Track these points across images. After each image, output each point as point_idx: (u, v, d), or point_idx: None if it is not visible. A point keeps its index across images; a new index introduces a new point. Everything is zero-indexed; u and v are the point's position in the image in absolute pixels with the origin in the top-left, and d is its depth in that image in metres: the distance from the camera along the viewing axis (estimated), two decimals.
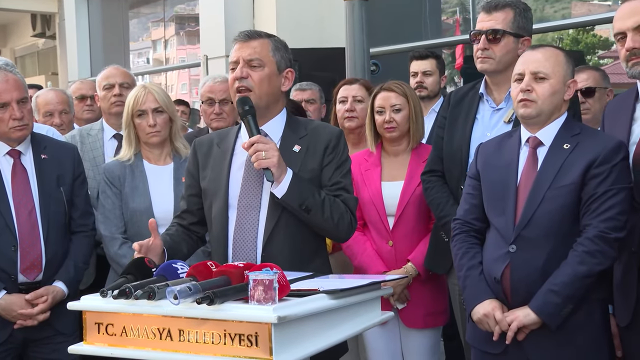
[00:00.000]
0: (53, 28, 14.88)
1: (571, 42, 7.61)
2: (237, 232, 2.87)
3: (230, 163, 2.94)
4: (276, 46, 2.93)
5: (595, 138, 2.90)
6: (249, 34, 2.93)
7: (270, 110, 2.94)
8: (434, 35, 8.37)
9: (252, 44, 2.90)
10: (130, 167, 3.69)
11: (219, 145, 3.01)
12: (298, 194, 2.77)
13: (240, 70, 2.87)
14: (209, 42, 8.86)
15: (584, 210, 2.80)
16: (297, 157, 2.89)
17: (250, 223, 2.86)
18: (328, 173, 2.90)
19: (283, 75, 2.95)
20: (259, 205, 2.86)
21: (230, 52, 2.97)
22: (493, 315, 2.85)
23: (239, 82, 2.87)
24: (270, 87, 2.90)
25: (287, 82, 2.97)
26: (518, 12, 3.40)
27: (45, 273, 3.43)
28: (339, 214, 2.84)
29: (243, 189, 2.89)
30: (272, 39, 2.95)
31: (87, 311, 2.30)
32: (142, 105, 3.64)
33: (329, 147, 2.90)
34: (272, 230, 2.83)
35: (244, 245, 2.86)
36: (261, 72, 2.87)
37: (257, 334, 2.05)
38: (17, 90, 3.40)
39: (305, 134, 2.94)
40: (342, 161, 2.93)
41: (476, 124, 3.45)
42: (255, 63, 2.87)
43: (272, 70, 2.90)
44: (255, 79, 2.87)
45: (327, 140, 2.91)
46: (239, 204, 2.88)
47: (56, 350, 3.44)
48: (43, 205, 3.44)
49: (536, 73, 2.89)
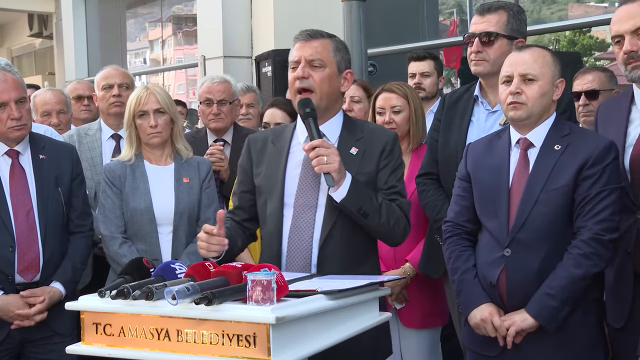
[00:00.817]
0: (50, 28, 14.87)
1: (568, 44, 7.62)
2: (292, 231, 2.86)
3: (286, 161, 2.93)
4: (337, 47, 2.92)
5: (585, 138, 2.90)
6: (311, 34, 2.91)
7: (329, 111, 2.93)
8: (431, 37, 8.38)
9: (314, 44, 2.88)
10: (131, 167, 3.69)
11: (274, 143, 3.00)
12: (357, 198, 2.76)
13: (302, 70, 2.86)
14: (207, 43, 8.85)
15: (578, 212, 2.81)
16: (354, 159, 2.88)
17: (307, 223, 2.85)
18: (384, 177, 2.89)
19: (343, 76, 2.93)
20: (316, 205, 2.86)
21: (291, 51, 2.96)
22: (490, 320, 2.85)
23: (300, 83, 2.86)
24: (331, 87, 2.89)
25: (346, 83, 2.96)
26: (512, 14, 3.39)
27: (43, 274, 3.43)
28: (395, 219, 2.83)
29: (300, 188, 2.88)
30: (333, 39, 2.94)
31: (85, 311, 2.29)
32: (144, 105, 3.64)
33: (385, 150, 2.90)
34: (329, 232, 2.82)
35: (299, 245, 2.85)
36: (322, 73, 2.87)
37: (255, 334, 2.05)
38: (15, 90, 3.39)
39: (362, 136, 2.93)
40: (398, 165, 2.93)
41: (471, 126, 3.45)
42: (317, 63, 2.86)
43: (332, 71, 2.89)
44: (316, 80, 2.86)
45: (384, 144, 2.90)
46: (296, 202, 2.87)
47: (53, 351, 3.43)
48: (41, 205, 3.44)
49: (525, 75, 2.88)
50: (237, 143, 4.43)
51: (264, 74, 7.26)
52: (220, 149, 4.30)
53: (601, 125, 3.05)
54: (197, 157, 3.85)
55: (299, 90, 2.87)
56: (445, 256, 3.07)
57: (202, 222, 3.70)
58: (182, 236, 3.65)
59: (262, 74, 7.32)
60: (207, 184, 3.77)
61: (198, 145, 4.25)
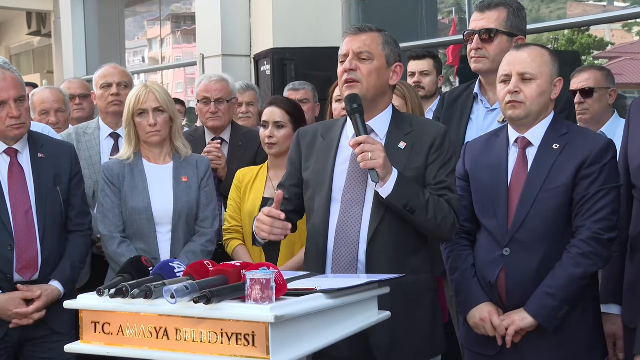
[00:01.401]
0: (48, 26, 14.85)
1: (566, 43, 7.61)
2: (340, 226, 2.85)
3: (335, 156, 2.92)
4: (386, 40, 2.90)
5: (583, 137, 2.90)
6: (360, 28, 2.91)
7: (377, 105, 2.91)
8: (430, 35, 8.37)
9: (362, 37, 2.87)
10: (129, 166, 3.68)
11: (324, 137, 2.99)
12: (403, 194, 2.74)
13: (350, 62, 2.85)
14: (205, 41, 8.84)
15: (577, 212, 2.81)
16: (402, 154, 2.86)
17: (354, 218, 2.84)
18: (432, 171, 2.86)
19: (392, 69, 2.91)
20: (363, 200, 2.84)
21: (341, 45, 2.93)
22: (490, 319, 2.85)
23: (348, 75, 2.85)
24: (379, 80, 2.87)
25: (395, 76, 2.93)
26: (512, 11, 3.38)
27: (41, 272, 3.43)
28: (442, 215, 2.79)
29: (348, 183, 2.87)
30: (383, 33, 2.92)
31: (83, 310, 2.29)
32: (143, 104, 3.64)
33: (434, 145, 2.87)
34: (377, 228, 2.81)
35: (346, 241, 2.84)
36: (370, 65, 2.85)
37: (254, 333, 2.04)
38: (14, 88, 3.39)
39: (411, 130, 2.91)
40: (447, 160, 2.89)
41: (470, 124, 3.45)
42: (365, 56, 2.85)
43: (381, 64, 2.87)
44: (363, 72, 2.84)
45: (433, 138, 2.87)
46: (343, 198, 2.86)
47: (52, 350, 3.44)
48: (40, 204, 3.43)
49: (523, 74, 2.88)
50: (235, 141, 4.44)
51: (263, 73, 7.26)
52: (218, 147, 4.30)
53: (634, 120, 3.01)
54: (196, 156, 3.85)
55: (347, 81, 2.86)
56: (444, 256, 3.08)
57: (201, 221, 3.71)
58: (181, 235, 3.65)
59: (261, 72, 7.32)
60: (206, 182, 3.77)
61: (196, 143, 4.25)
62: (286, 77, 6.86)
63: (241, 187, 3.89)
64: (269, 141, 3.80)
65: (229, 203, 3.94)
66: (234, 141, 4.45)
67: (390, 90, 2.97)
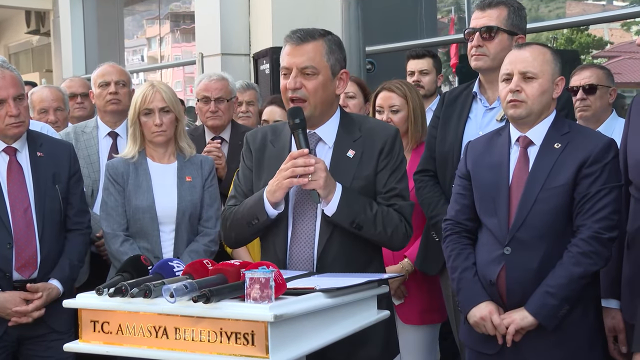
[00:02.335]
0: (47, 25, 14.84)
1: (566, 42, 7.62)
2: (293, 243, 2.77)
3: None
4: (330, 48, 2.77)
5: (585, 137, 2.90)
6: (302, 37, 2.75)
7: (324, 116, 2.82)
8: (429, 34, 8.37)
9: (305, 49, 2.74)
10: (134, 165, 3.68)
11: (274, 144, 2.89)
12: (348, 211, 2.67)
13: (294, 80, 2.73)
14: (204, 40, 8.84)
15: (577, 211, 2.81)
16: (351, 163, 2.78)
17: (306, 234, 2.76)
18: (383, 179, 2.79)
19: (338, 78, 2.81)
20: (315, 215, 2.77)
21: (282, 52, 2.81)
22: (490, 318, 2.85)
23: (293, 93, 2.74)
24: (325, 93, 2.77)
25: (341, 84, 2.84)
26: (512, 9, 3.39)
27: (40, 271, 3.42)
28: (392, 227, 2.74)
29: (297, 198, 2.79)
30: (326, 40, 2.78)
31: (82, 309, 2.29)
32: (150, 104, 3.63)
33: (383, 150, 2.79)
34: (326, 242, 2.73)
35: (300, 256, 2.76)
36: (315, 81, 2.74)
37: (254, 332, 2.04)
38: (13, 87, 3.39)
39: (360, 135, 2.82)
40: (398, 165, 2.82)
41: (469, 123, 3.45)
42: (309, 71, 2.73)
43: (326, 77, 2.76)
44: (309, 89, 2.74)
45: (383, 143, 2.79)
46: (295, 212, 2.78)
47: (51, 348, 3.43)
48: (38, 203, 3.43)
49: (525, 73, 2.87)
50: (235, 141, 4.43)
51: (262, 72, 7.26)
52: (218, 146, 4.29)
53: (634, 118, 3.01)
54: (200, 156, 3.84)
55: (292, 99, 2.76)
56: (445, 254, 3.07)
57: (204, 220, 3.71)
58: (184, 234, 3.65)
59: (260, 71, 7.32)
60: (210, 182, 3.76)
61: (196, 142, 4.23)
62: None
63: None
64: None
65: None
66: (233, 140, 4.44)
67: (337, 99, 2.89)
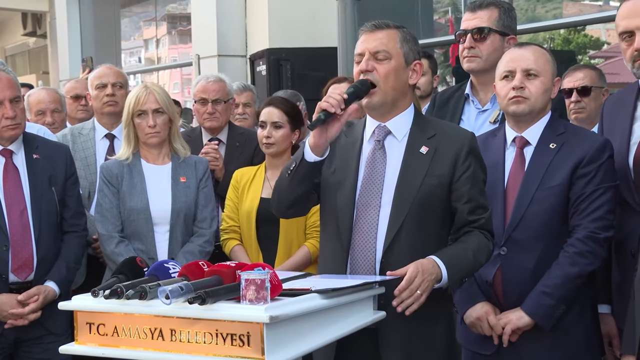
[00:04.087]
0: (44, 27, 14.84)
1: (562, 42, 7.63)
2: (355, 231, 2.69)
3: (359, 155, 2.76)
4: (404, 37, 2.73)
5: (580, 137, 2.91)
6: (377, 25, 2.74)
7: (396, 106, 2.74)
8: (426, 35, 8.37)
9: (379, 35, 2.71)
10: (128, 167, 3.69)
11: (347, 135, 2.80)
12: (456, 276, 2.60)
13: (366, 62, 2.68)
14: (201, 42, 8.84)
15: (573, 211, 2.82)
16: (424, 159, 2.69)
17: (370, 223, 2.68)
18: (462, 188, 2.67)
19: (411, 68, 2.74)
20: (379, 204, 2.68)
21: (357, 43, 2.77)
22: (486, 319, 2.85)
23: (364, 76, 2.68)
24: (397, 80, 2.70)
25: (415, 75, 2.75)
26: (503, 10, 3.39)
27: (37, 273, 3.42)
28: (486, 254, 2.68)
29: (363, 188, 2.71)
30: (401, 30, 2.75)
31: (78, 311, 2.29)
32: (143, 105, 3.64)
33: (461, 154, 2.68)
34: (394, 236, 2.64)
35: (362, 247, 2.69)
36: (387, 65, 2.68)
37: (249, 333, 2.04)
38: (9, 89, 3.39)
39: (434, 134, 2.73)
40: (476, 171, 2.70)
41: (461, 125, 3.44)
42: (381, 55, 2.68)
43: (399, 63, 2.70)
44: (381, 73, 2.67)
45: (460, 146, 2.69)
46: (359, 201, 2.70)
47: (47, 350, 3.43)
48: (35, 205, 3.43)
49: (528, 70, 2.88)
50: (232, 142, 4.43)
51: (259, 73, 7.26)
52: (215, 148, 4.29)
53: (607, 122, 3.02)
54: (195, 157, 3.85)
55: None
56: None
57: (199, 221, 3.71)
58: (179, 235, 3.65)
59: (257, 72, 7.32)
60: (204, 183, 3.77)
61: (193, 144, 4.24)
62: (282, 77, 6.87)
63: (239, 187, 3.89)
64: (266, 141, 3.80)
65: (227, 203, 3.94)
66: (231, 142, 4.44)
67: (410, 91, 2.81)
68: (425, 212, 2.67)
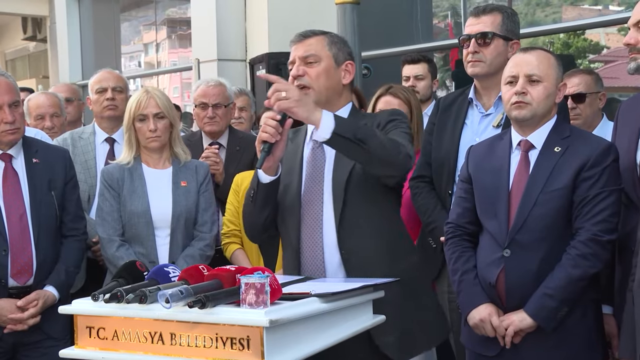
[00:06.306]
0: (44, 31, 14.85)
1: (562, 46, 7.63)
2: (303, 227, 2.85)
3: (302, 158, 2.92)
4: (332, 40, 2.91)
5: (585, 140, 2.92)
6: (304, 34, 2.92)
7: (332, 105, 2.87)
8: (425, 39, 8.38)
9: (307, 42, 2.89)
10: (129, 170, 3.69)
11: (292, 141, 2.97)
12: (346, 125, 2.62)
13: (297, 68, 2.86)
14: (201, 46, 8.85)
15: (576, 213, 2.82)
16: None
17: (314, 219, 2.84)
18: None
19: (342, 69, 2.90)
20: (322, 200, 2.84)
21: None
22: (489, 320, 2.86)
23: (297, 81, 2.85)
24: (329, 80, 2.87)
25: (347, 75, 2.92)
26: (506, 15, 3.41)
27: (36, 277, 3.42)
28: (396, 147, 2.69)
29: (307, 185, 2.87)
30: (328, 35, 2.93)
31: (78, 315, 2.29)
32: (144, 109, 3.65)
33: (380, 125, 2.84)
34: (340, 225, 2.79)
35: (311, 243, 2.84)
36: (318, 67, 2.85)
37: (249, 337, 2.05)
38: (8, 93, 3.39)
39: (365, 124, 2.84)
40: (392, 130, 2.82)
41: (465, 129, 3.46)
42: (311, 59, 2.85)
43: (329, 64, 2.87)
44: (312, 75, 2.84)
45: (379, 121, 2.86)
46: (304, 200, 2.86)
47: (46, 354, 3.43)
48: (34, 209, 3.43)
49: (530, 75, 2.89)
50: (232, 146, 4.44)
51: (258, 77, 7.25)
52: (216, 152, 4.29)
53: (621, 125, 3.02)
54: (195, 161, 3.85)
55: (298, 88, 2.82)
56: (446, 257, 3.09)
57: (200, 225, 3.71)
58: (179, 239, 3.65)
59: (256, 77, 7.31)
60: (205, 187, 3.77)
61: (193, 148, 4.24)
62: None
63: (239, 191, 3.89)
64: None
65: (228, 207, 3.95)
66: (231, 146, 4.45)
67: (346, 90, 2.95)
68: (362, 194, 2.80)
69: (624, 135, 2.94)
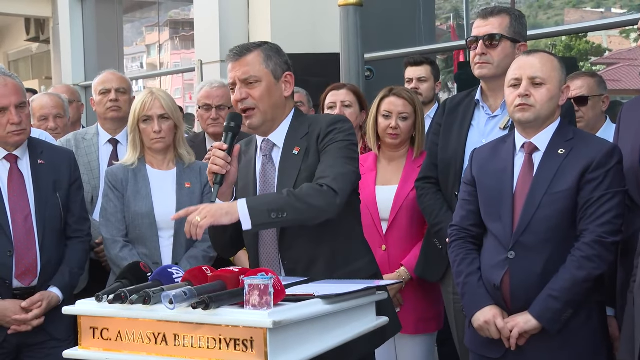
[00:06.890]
0: (47, 32, 14.85)
1: (564, 49, 7.63)
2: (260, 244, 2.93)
3: (255, 173, 2.96)
4: (268, 55, 2.90)
5: (589, 142, 2.92)
6: (238, 52, 2.92)
7: (277, 120, 2.93)
8: (428, 41, 8.39)
9: (244, 62, 2.88)
10: (133, 172, 3.70)
11: (245, 155, 3.01)
12: (260, 211, 2.65)
13: (239, 92, 2.87)
14: (204, 47, 8.85)
15: (581, 215, 2.82)
16: (297, 159, 2.87)
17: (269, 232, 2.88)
18: (320, 166, 2.82)
19: (282, 82, 2.93)
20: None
21: (228, 72, 2.96)
22: (494, 322, 2.86)
23: (242, 104, 2.87)
24: (272, 98, 2.89)
25: (288, 87, 2.95)
26: (514, 17, 3.41)
27: (40, 278, 3.43)
28: (315, 195, 2.71)
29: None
30: (262, 49, 2.92)
31: (82, 316, 2.30)
32: (149, 110, 3.65)
33: (320, 136, 2.87)
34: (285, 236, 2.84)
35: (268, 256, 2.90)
36: (259, 88, 2.86)
37: (253, 338, 2.05)
38: (15, 95, 3.40)
39: (307, 132, 2.91)
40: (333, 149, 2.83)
41: (471, 130, 3.46)
42: (251, 80, 2.86)
43: (269, 82, 2.88)
44: (255, 96, 2.86)
45: (318, 132, 2.87)
46: None
47: (50, 355, 3.43)
48: (39, 210, 3.44)
49: (534, 78, 2.90)
50: None
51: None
52: None
53: (623, 126, 3.03)
54: (200, 162, 3.86)
55: (243, 111, 2.88)
56: (450, 259, 3.09)
57: None
58: (183, 240, 3.64)
59: None
60: (209, 189, 3.77)
61: (197, 149, 4.24)
62: None
63: None
64: None
65: None
66: None
67: (288, 101, 2.97)
68: None
69: (627, 137, 2.95)
